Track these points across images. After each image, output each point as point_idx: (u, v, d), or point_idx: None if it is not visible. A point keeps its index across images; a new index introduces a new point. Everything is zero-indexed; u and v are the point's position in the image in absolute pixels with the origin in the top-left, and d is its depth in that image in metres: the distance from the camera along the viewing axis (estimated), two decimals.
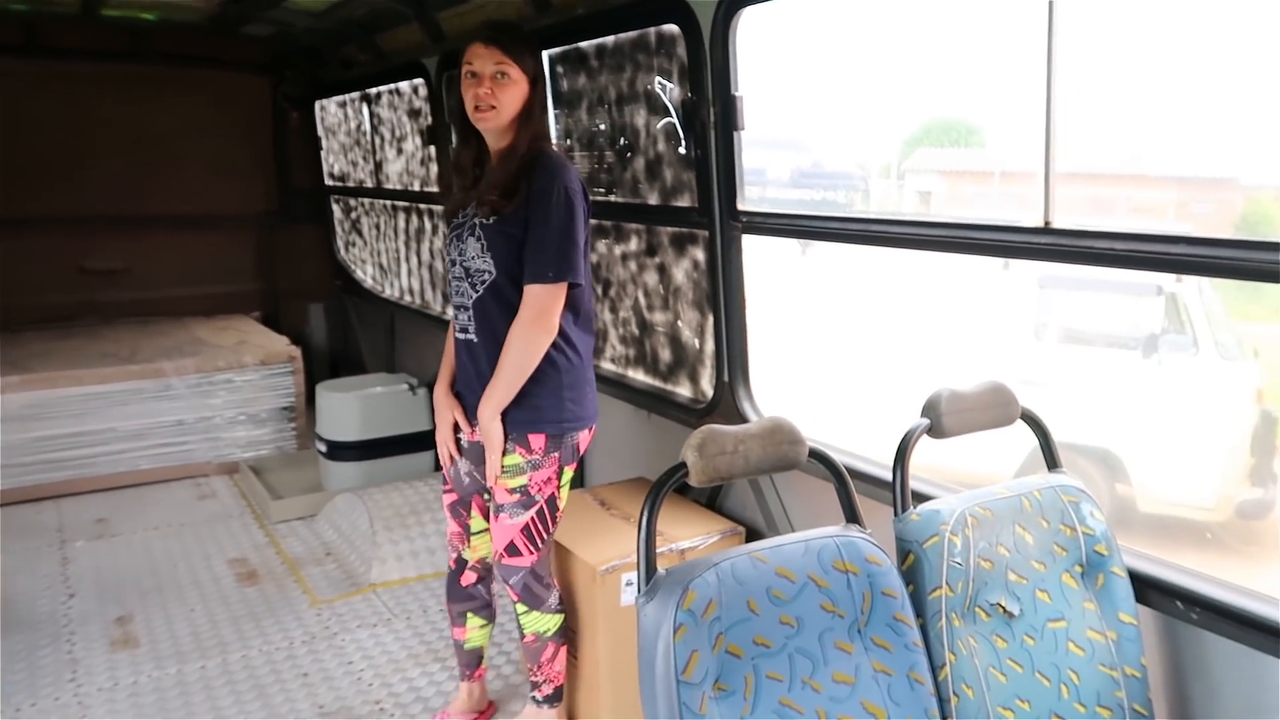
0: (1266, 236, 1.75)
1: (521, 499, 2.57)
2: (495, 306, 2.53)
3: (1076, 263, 2.11)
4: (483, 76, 2.46)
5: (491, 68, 2.45)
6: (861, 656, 1.74)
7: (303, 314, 6.78)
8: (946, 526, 1.85)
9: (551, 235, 2.42)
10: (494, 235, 2.49)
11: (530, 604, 2.70)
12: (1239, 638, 1.90)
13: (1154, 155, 12.88)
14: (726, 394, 3.15)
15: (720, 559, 1.68)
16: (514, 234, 2.47)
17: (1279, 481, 6.43)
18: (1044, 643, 1.91)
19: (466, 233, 2.55)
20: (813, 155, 13.84)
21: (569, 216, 2.44)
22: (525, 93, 2.49)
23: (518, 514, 2.59)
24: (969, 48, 11.03)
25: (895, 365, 6.62)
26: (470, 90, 2.48)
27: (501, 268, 2.49)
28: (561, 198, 2.43)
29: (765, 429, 1.79)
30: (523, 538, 2.61)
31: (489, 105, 2.45)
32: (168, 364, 5.22)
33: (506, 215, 2.47)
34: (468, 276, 2.56)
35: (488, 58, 2.46)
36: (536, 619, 2.72)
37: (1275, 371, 7.53)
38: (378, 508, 4.22)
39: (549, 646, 2.76)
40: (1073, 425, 6.34)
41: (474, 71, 2.47)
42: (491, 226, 2.49)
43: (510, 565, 2.65)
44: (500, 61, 2.45)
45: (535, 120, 2.53)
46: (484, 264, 2.51)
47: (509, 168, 2.47)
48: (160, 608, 3.79)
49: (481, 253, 2.51)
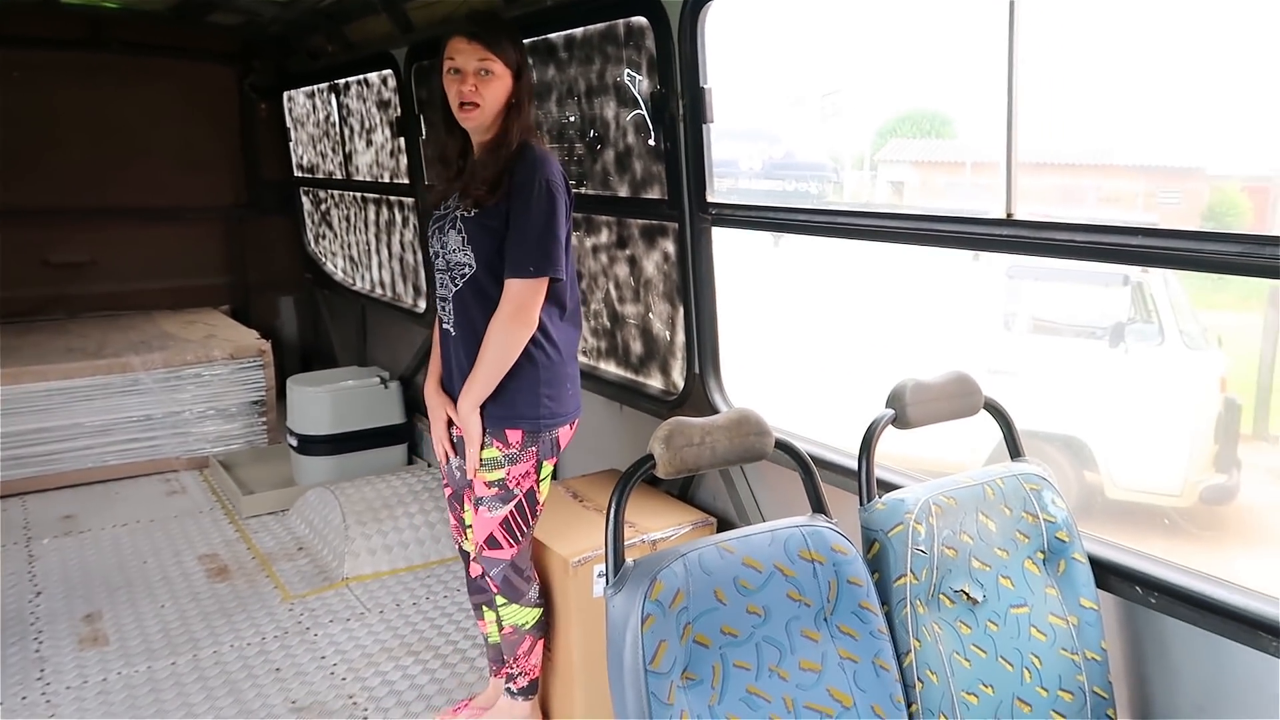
0: (1222, 228, 1.79)
1: (500, 493, 2.58)
2: (474, 300, 2.52)
3: (1037, 254, 2.14)
4: (466, 73, 2.42)
5: (475, 64, 2.42)
6: (828, 644, 1.76)
7: (273, 307, 6.72)
8: (911, 515, 1.88)
9: (532, 229, 2.41)
10: (474, 228, 2.48)
11: (510, 596, 2.71)
12: (1197, 621, 1.94)
13: (1123, 146, 13.04)
14: (697, 386, 3.16)
15: (688, 549, 1.69)
16: (495, 227, 2.46)
17: (1243, 468, 6.55)
18: (1007, 628, 1.94)
19: (448, 225, 2.53)
20: (785, 146, 13.88)
21: (550, 210, 2.42)
22: (509, 86, 2.47)
23: (496, 507, 2.59)
24: (940, 38, 11.10)
25: (867, 356, 6.67)
26: (453, 86, 2.45)
27: (481, 261, 2.48)
28: (543, 191, 2.41)
29: (732, 421, 1.81)
30: (502, 531, 2.62)
31: (473, 102, 2.43)
32: (135, 358, 5.16)
33: (488, 208, 2.45)
34: (449, 269, 2.55)
35: (470, 54, 2.42)
36: (515, 611, 2.73)
37: (1239, 359, 7.67)
38: (350, 502, 4.20)
39: (526, 640, 2.77)
40: (1042, 414, 6.43)
41: (457, 68, 2.44)
42: (472, 219, 2.48)
43: (490, 557, 2.65)
44: (484, 58, 2.42)
45: (523, 112, 2.49)
46: (464, 257, 2.50)
47: (496, 162, 2.45)
48: (129, 604, 3.76)
49: (462, 245, 2.50)
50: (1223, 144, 11.96)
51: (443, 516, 4.21)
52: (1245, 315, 8.60)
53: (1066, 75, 13.55)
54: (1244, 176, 12.32)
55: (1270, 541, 6.60)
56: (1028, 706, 1.92)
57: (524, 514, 2.63)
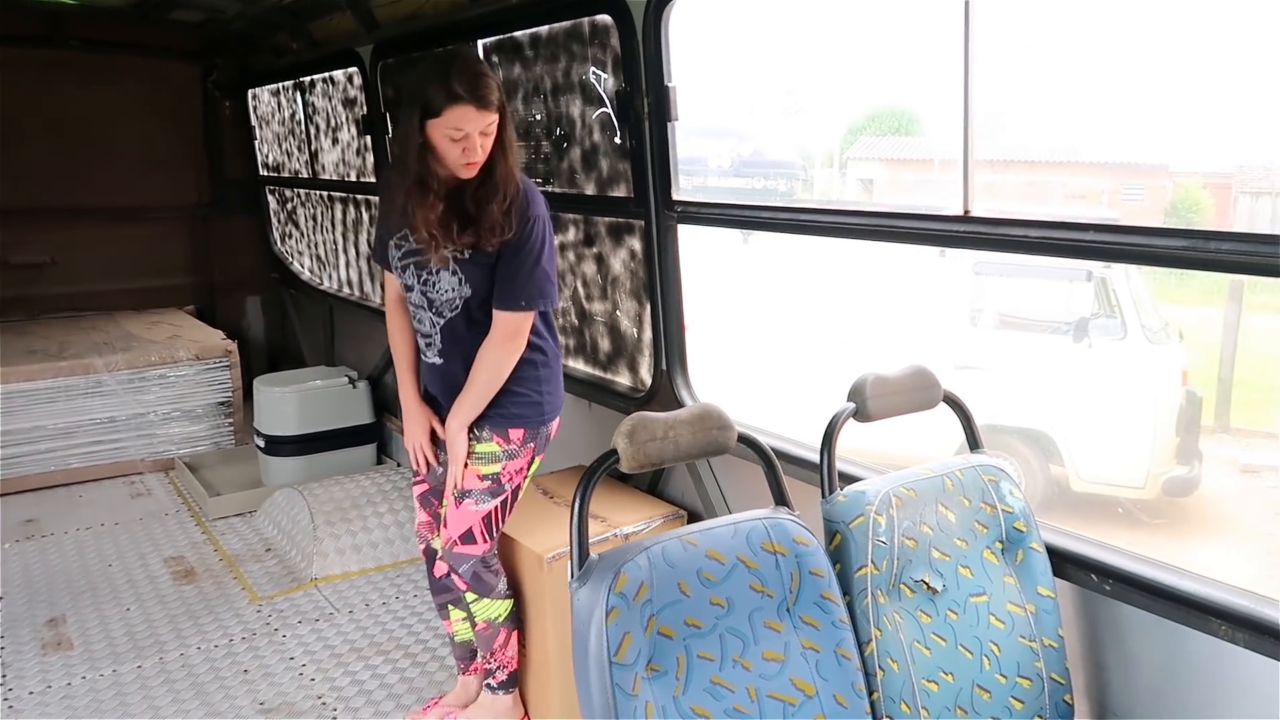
0: (1175, 224, 1.83)
1: (492, 486, 2.61)
2: (466, 330, 2.56)
3: (994, 250, 2.18)
4: (473, 136, 2.36)
5: (481, 127, 2.36)
6: (790, 634, 1.79)
7: (239, 307, 6.66)
8: (871, 506, 1.91)
9: (527, 266, 2.46)
10: (470, 268, 2.50)
11: (481, 591, 2.72)
12: (1150, 608, 1.99)
13: (1088, 143, 13.24)
14: (665, 382, 3.18)
15: (651, 543, 1.71)
16: (489, 262, 2.49)
17: (1204, 459, 6.68)
18: (966, 617, 1.98)
19: (438, 264, 2.50)
20: (753, 144, 13.95)
21: (544, 247, 2.48)
22: (498, 126, 2.43)
23: (484, 501, 2.61)
24: (903, 37, 11.21)
25: (836, 352, 6.72)
26: (456, 146, 2.36)
27: (476, 295, 2.52)
28: (539, 229, 2.46)
29: (695, 415, 1.83)
30: (482, 525, 2.63)
31: (479, 161, 2.40)
32: (98, 360, 5.10)
33: (481, 249, 2.46)
34: (430, 306, 2.57)
35: (479, 120, 2.35)
36: (488, 606, 2.74)
37: (1201, 353, 7.82)
38: (319, 502, 4.18)
39: (501, 632, 2.78)
40: (1008, 409, 6.52)
41: (464, 133, 2.35)
42: (468, 260, 2.49)
43: (461, 553, 2.66)
44: (491, 120, 2.37)
45: (510, 150, 2.45)
46: (457, 294, 2.53)
47: (500, 207, 2.41)
48: (94, 608, 3.71)
49: (458, 285, 2.52)
50: (1185, 141, 12.18)
51: (412, 516, 4.19)
52: (1207, 310, 8.78)
53: (1032, 73, 13.73)
54: (1205, 173, 12.55)
55: (1231, 531, 6.75)
56: (987, 693, 1.95)
57: (506, 509, 2.66)
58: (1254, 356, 8.27)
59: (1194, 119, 12.11)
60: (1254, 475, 7.54)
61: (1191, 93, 11.73)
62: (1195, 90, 11.62)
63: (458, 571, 2.69)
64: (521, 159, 2.59)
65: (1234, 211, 11.22)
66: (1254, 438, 8.00)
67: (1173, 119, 12.47)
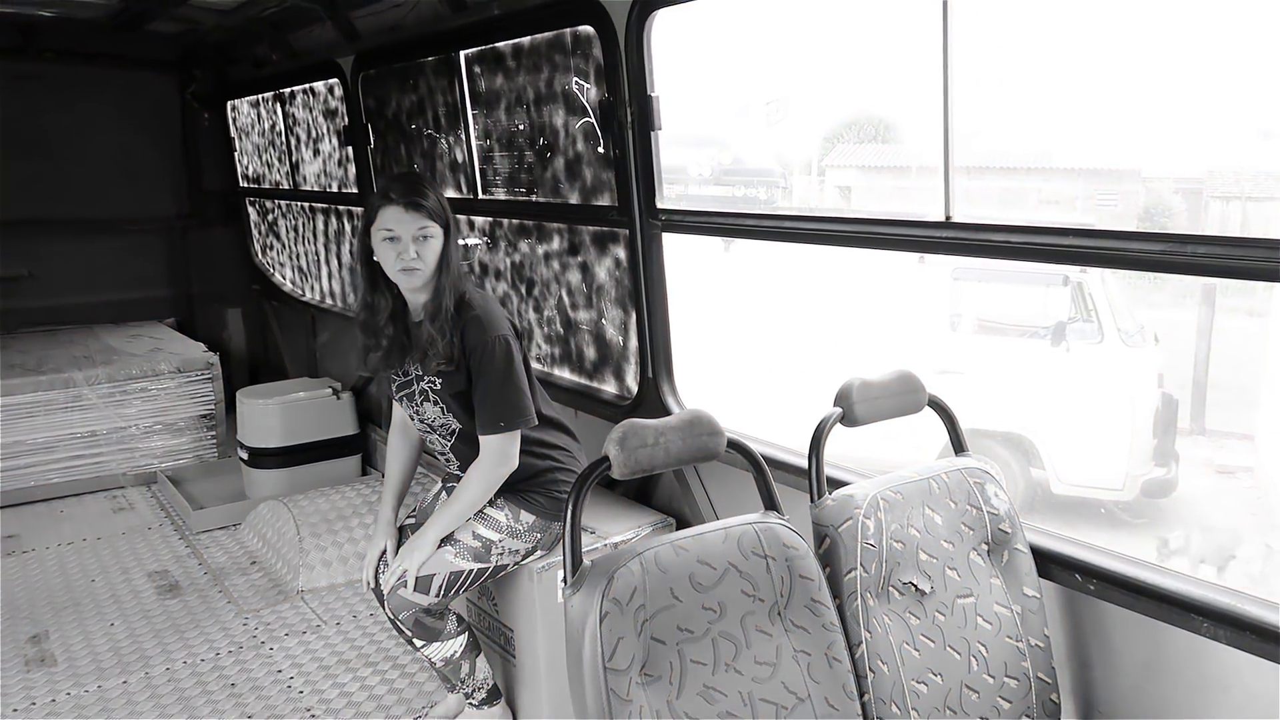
0: (1147, 228, 1.87)
1: (479, 549, 2.60)
2: (472, 451, 2.61)
3: (975, 255, 2.21)
4: (404, 240, 2.47)
5: (414, 231, 2.47)
6: (782, 638, 1.80)
7: (220, 319, 6.62)
8: (860, 510, 1.93)
9: (495, 388, 2.50)
10: (446, 398, 2.58)
11: (426, 638, 2.65)
12: (1133, 606, 2.02)
13: (1062, 149, 13.40)
14: (651, 389, 3.20)
15: (644, 548, 1.72)
16: (462, 390, 2.56)
17: (1181, 460, 6.77)
18: (954, 618, 2.00)
19: (420, 397, 2.62)
20: (734, 152, 14.02)
21: (508, 366, 2.51)
22: (443, 242, 2.52)
23: (464, 558, 2.60)
24: (881, 46, 11.31)
25: (820, 358, 6.76)
26: (391, 252, 2.48)
27: (463, 420, 2.60)
28: (499, 349, 2.50)
29: (684, 421, 1.85)
30: (445, 579, 2.58)
31: (414, 266, 2.47)
32: (78, 373, 5.06)
33: (450, 376, 2.54)
34: (433, 430, 2.67)
35: (410, 223, 2.47)
36: (439, 648, 2.68)
37: (1175, 355, 7.92)
38: (304, 514, 4.16)
39: (463, 665, 2.75)
40: (989, 413, 6.58)
41: (394, 236, 2.47)
42: (441, 391, 2.58)
43: (407, 598, 2.57)
44: (422, 225, 2.47)
45: (453, 266, 2.54)
46: (446, 420, 2.63)
47: (444, 332, 2.50)
48: (77, 624, 3.68)
49: (442, 413, 2.62)
50: (1157, 146, 12.34)
51: None
52: (1181, 313, 8.90)
53: (1007, 80, 13.87)
54: (1177, 178, 12.73)
55: (1208, 530, 6.83)
56: (975, 693, 1.98)
57: (477, 579, 2.63)
58: (1228, 359, 8.39)
59: (1165, 124, 12.28)
60: (1230, 476, 7.64)
61: (1162, 98, 11.90)
62: (1166, 96, 11.79)
63: (397, 618, 2.62)
64: (505, 169, 2.64)
65: (1205, 215, 11.39)
66: (1229, 439, 8.11)
67: (1144, 124, 12.64)
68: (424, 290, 2.55)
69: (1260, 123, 10.49)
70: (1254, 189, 10.30)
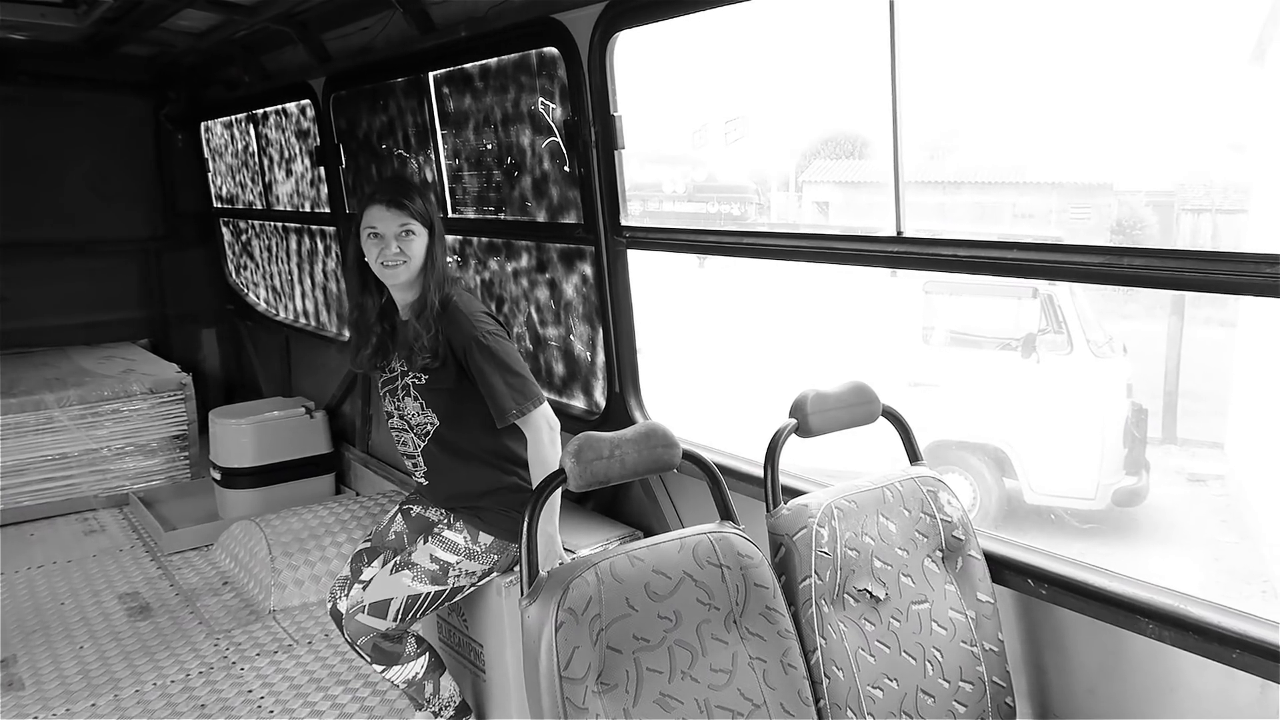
0: (1120, 242, 1.93)
1: (436, 572, 2.62)
2: (441, 453, 2.65)
3: (926, 269, 2.26)
4: (387, 237, 2.54)
5: (396, 228, 2.54)
6: (738, 646, 1.83)
7: (194, 340, 6.61)
8: (814, 519, 1.97)
9: (500, 378, 2.52)
10: (429, 394, 2.61)
11: (385, 662, 2.68)
12: (1083, 609, 2.07)
13: (1036, 163, 13.59)
14: (618, 404, 3.23)
15: (599, 559, 1.75)
16: (448, 388, 2.59)
17: (1152, 470, 6.85)
18: (909, 623, 2.04)
19: (402, 392, 2.66)
20: (706, 169, 14.16)
21: (505, 353, 2.55)
22: (428, 241, 2.59)
23: (421, 582, 2.61)
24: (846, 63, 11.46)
25: (792, 371, 6.82)
26: (375, 249, 2.56)
27: (443, 420, 2.63)
28: (489, 344, 2.54)
29: (640, 434, 1.88)
30: (403, 603, 2.60)
31: (398, 262, 2.54)
32: (49, 395, 5.04)
33: (435, 372, 2.58)
34: (410, 429, 2.68)
35: (391, 220, 2.55)
36: (399, 671, 2.71)
37: (1146, 366, 8.04)
38: (276, 533, 4.16)
39: (426, 685, 2.77)
40: (962, 424, 6.65)
41: (378, 233, 2.55)
42: (425, 386, 2.61)
43: (364, 623, 2.60)
44: (404, 222, 2.55)
45: (439, 265, 2.61)
46: (425, 418, 2.64)
47: (429, 328, 2.55)
48: (46, 648, 3.66)
49: (422, 410, 2.64)
50: (1128, 160, 12.54)
51: None
52: (1152, 324, 9.04)
53: (983, 96, 14.08)
54: (1149, 191, 12.93)
55: (1177, 538, 6.92)
56: (931, 698, 2.01)
57: (433, 603, 2.64)
58: (1198, 368, 8.52)
59: (1137, 138, 12.49)
60: (1200, 484, 7.74)
61: (1134, 113, 12.11)
62: (1138, 110, 12.00)
63: (355, 644, 2.64)
64: (474, 188, 2.68)
65: (1177, 228, 11.57)
66: (1200, 447, 8.22)
67: (1117, 138, 12.86)
68: (410, 289, 2.61)
69: (1229, 136, 10.70)
70: (1224, 201, 10.48)
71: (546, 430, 2.55)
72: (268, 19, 4.08)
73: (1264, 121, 7.77)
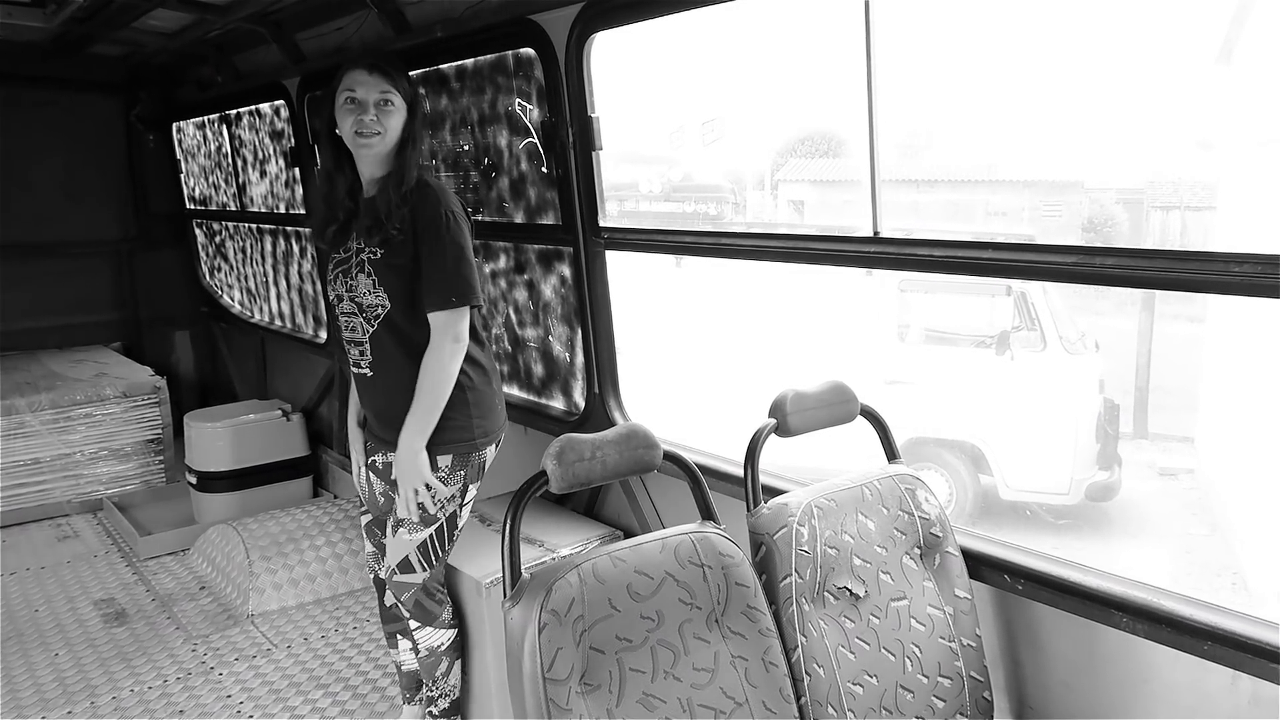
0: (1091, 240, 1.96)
1: (422, 513, 2.60)
2: (390, 339, 2.56)
3: (902, 269, 2.29)
4: (366, 103, 2.46)
5: (376, 95, 2.47)
6: (720, 645, 1.85)
7: (167, 342, 6.54)
8: (794, 518, 1.99)
9: (447, 262, 2.46)
10: (384, 270, 2.51)
11: (423, 620, 2.72)
12: (1058, 604, 2.10)
13: (1008, 161, 13.75)
14: (598, 405, 3.24)
15: (582, 560, 1.76)
16: (404, 265, 2.50)
17: (1124, 465, 6.95)
18: (888, 620, 2.06)
19: (355, 269, 2.55)
20: (683, 169, 14.19)
21: (461, 240, 2.49)
22: (405, 119, 2.53)
23: (416, 531, 2.61)
24: (821, 64, 11.55)
25: (770, 370, 6.85)
26: (351, 116, 2.47)
27: (395, 301, 2.53)
28: (450, 223, 2.47)
29: (621, 435, 1.89)
30: (418, 554, 2.63)
31: (374, 131, 2.47)
32: (21, 400, 4.97)
33: (394, 246, 2.49)
34: (360, 312, 2.58)
35: (372, 85, 2.47)
36: (430, 634, 2.75)
37: (1118, 361, 8.15)
38: (253, 537, 4.13)
39: (444, 661, 2.79)
40: (938, 421, 6.71)
41: (356, 99, 2.47)
42: (380, 261, 2.51)
43: (402, 581, 2.66)
44: (384, 90, 2.47)
45: (417, 147, 2.55)
46: (376, 298, 2.54)
47: (394, 196, 2.48)
48: (20, 655, 3.62)
49: (374, 288, 2.53)
50: (1098, 158, 12.71)
51: (350, 547, 4.17)
52: (1123, 320, 9.17)
53: (956, 95, 14.21)
54: (1119, 188, 13.11)
55: (1149, 532, 7.02)
56: (910, 693, 2.04)
57: (442, 538, 2.65)
58: (1169, 364, 8.65)
59: (1107, 136, 12.66)
60: (1172, 478, 7.86)
61: (1104, 111, 12.27)
62: (1107, 108, 12.16)
63: (400, 600, 2.70)
64: (451, 187, 2.66)
65: (1147, 224, 11.73)
66: (1171, 442, 8.35)
67: (1087, 136, 13.02)
68: (381, 165, 2.53)
69: (1197, 134, 10.88)
70: (1193, 199, 10.65)
71: (451, 342, 2.47)
72: (241, 18, 4.04)
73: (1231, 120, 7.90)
